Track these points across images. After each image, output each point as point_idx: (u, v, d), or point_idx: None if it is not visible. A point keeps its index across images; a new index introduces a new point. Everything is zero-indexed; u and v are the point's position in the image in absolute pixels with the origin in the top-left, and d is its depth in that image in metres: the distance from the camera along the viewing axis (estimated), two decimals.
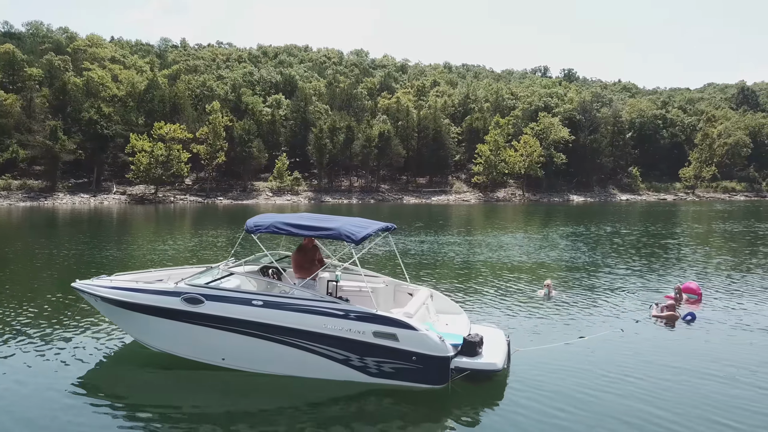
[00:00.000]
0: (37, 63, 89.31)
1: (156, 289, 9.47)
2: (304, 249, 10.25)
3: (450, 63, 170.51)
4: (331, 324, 8.55)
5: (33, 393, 8.49)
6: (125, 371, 9.63)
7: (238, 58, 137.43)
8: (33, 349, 10.39)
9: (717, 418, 7.70)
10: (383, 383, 8.60)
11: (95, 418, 7.73)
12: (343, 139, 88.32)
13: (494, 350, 8.93)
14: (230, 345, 9.02)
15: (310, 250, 10.21)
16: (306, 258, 10.22)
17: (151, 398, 8.48)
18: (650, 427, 7.42)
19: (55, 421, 7.61)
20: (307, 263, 10.08)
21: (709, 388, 8.79)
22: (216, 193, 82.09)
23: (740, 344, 11.15)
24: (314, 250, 10.27)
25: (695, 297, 14.54)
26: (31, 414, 7.82)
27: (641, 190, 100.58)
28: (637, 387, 8.75)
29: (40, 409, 7.97)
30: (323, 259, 10.65)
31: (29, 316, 12.64)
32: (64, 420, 7.65)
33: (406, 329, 8.40)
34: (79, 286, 10.09)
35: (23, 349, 10.39)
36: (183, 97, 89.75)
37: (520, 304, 14.29)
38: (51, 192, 72.76)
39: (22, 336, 11.14)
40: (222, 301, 8.98)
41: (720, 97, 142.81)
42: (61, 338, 11.05)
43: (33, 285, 16.90)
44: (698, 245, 28.45)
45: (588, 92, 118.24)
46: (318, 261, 10.33)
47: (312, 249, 10.25)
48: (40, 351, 10.31)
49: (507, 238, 30.57)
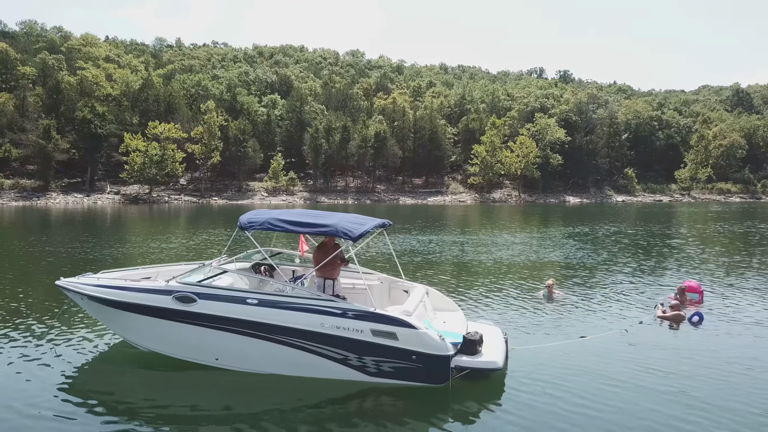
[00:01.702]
0: (30, 62, 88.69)
1: (146, 288, 9.14)
2: (326, 247, 9.72)
3: (446, 64, 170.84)
4: (328, 323, 8.29)
5: (17, 395, 8.12)
6: (113, 372, 9.28)
7: (234, 58, 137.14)
8: (16, 350, 9.95)
9: (719, 418, 7.50)
10: (382, 382, 8.39)
11: (82, 420, 7.41)
12: (338, 139, 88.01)
13: (493, 348, 8.75)
14: (224, 345, 8.72)
15: (331, 249, 9.64)
16: (327, 256, 9.53)
17: (140, 400, 8.12)
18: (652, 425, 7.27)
19: (41, 423, 7.30)
20: (328, 262, 9.45)
21: (712, 388, 8.58)
22: (211, 193, 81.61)
23: (746, 343, 10.91)
24: (335, 248, 9.68)
25: (697, 296, 14.34)
26: (14, 417, 7.47)
27: (637, 192, 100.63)
28: (637, 386, 8.53)
29: (24, 411, 7.62)
30: (345, 257, 10.13)
31: (12, 316, 12.18)
32: (50, 422, 7.33)
33: (405, 328, 8.18)
34: (64, 284, 9.69)
35: (3, 350, 9.97)
36: (178, 96, 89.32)
37: (518, 304, 14.04)
38: (44, 191, 72.13)
39: (2, 337, 10.69)
40: (215, 299, 8.67)
41: (715, 99, 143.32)
42: (45, 338, 10.65)
43: (18, 284, 16.40)
44: (705, 246, 28.28)
45: (584, 93, 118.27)
46: (340, 260, 9.81)
47: (333, 247, 9.69)
48: (23, 352, 9.87)
49: (505, 238, 30.33)
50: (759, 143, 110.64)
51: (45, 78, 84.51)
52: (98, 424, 7.33)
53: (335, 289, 9.42)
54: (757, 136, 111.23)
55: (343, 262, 10.02)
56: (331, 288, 9.34)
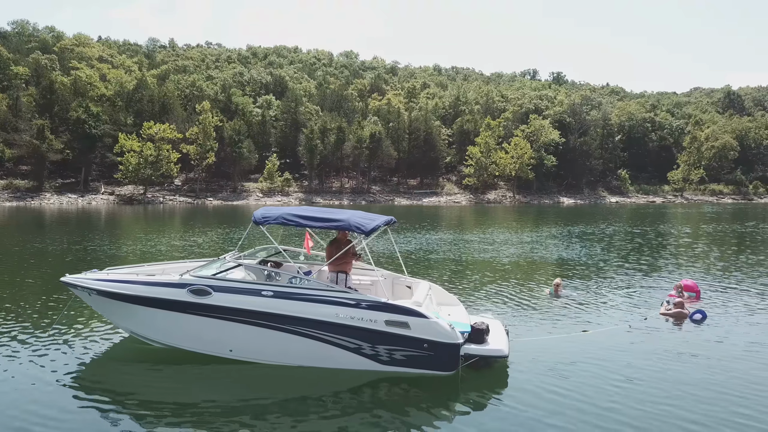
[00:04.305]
0: (23, 62, 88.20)
1: (160, 282, 9.22)
2: (339, 242, 9.87)
3: (439, 65, 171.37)
4: (343, 313, 8.50)
5: (25, 395, 7.88)
6: (123, 368, 9.20)
7: (228, 58, 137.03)
8: (22, 351, 9.63)
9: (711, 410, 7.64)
10: (394, 371, 8.62)
11: (97, 416, 7.35)
12: (333, 140, 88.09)
13: (498, 338, 9.11)
14: (239, 336, 8.85)
15: (344, 244, 9.78)
16: (340, 251, 9.68)
17: (153, 394, 8.07)
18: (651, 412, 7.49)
19: (56, 421, 7.19)
20: (341, 257, 9.61)
21: (707, 379, 8.75)
22: (206, 194, 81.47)
23: (747, 341, 11.09)
24: (348, 243, 9.84)
25: (694, 294, 14.54)
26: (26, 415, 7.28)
27: (630, 193, 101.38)
28: (634, 379, 8.74)
29: (35, 411, 7.41)
30: (356, 252, 10.28)
31: (12, 317, 11.85)
32: (65, 418, 7.26)
33: (417, 317, 8.43)
34: (71, 280, 9.67)
35: (10, 351, 9.65)
36: (172, 96, 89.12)
37: (520, 300, 14.20)
38: (38, 192, 71.77)
39: (5, 338, 10.40)
40: (230, 292, 8.81)
41: (707, 101, 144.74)
42: (50, 338, 10.32)
43: (14, 284, 16.10)
44: (703, 245, 28.62)
45: (577, 95, 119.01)
46: (352, 255, 9.97)
47: (346, 242, 9.85)
48: (29, 352, 9.53)
49: (502, 237, 30.54)
50: (750, 145, 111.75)
51: (38, 78, 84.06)
52: (113, 419, 7.29)
53: (347, 283, 9.58)
54: (749, 138, 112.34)
55: (355, 256, 10.18)
56: (344, 281, 9.51)
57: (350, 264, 9.87)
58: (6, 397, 7.88)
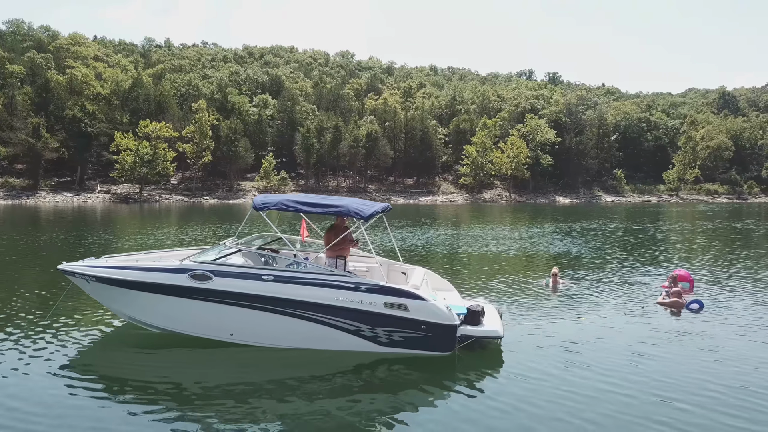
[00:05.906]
0: (18, 61, 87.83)
1: (160, 267, 9.27)
2: (337, 228, 10.01)
3: (435, 66, 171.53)
4: (343, 296, 8.65)
5: (25, 384, 7.81)
6: (123, 354, 9.21)
7: (224, 58, 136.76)
8: (21, 341, 9.53)
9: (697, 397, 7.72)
10: (393, 352, 8.79)
11: (99, 402, 7.33)
12: (330, 139, 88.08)
13: (493, 320, 9.32)
14: (239, 320, 8.94)
15: (342, 230, 9.92)
16: (338, 237, 9.82)
17: (154, 378, 8.04)
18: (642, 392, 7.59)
19: (55, 410, 7.05)
20: (339, 242, 9.73)
21: (703, 372, 8.78)
22: (202, 193, 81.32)
23: (742, 331, 11.20)
24: (346, 230, 9.96)
25: (687, 285, 14.65)
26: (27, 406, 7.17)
27: (626, 192, 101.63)
28: (628, 360, 8.90)
29: (35, 400, 7.31)
30: (353, 239, 10.37)
31: (8, 308, 11.76)
32: (64, 404, 7.22)
33: (415, 300, 8.60)
34: (68, 268, 9.67)
35: (8, 340, 9.56)
36: (168, 95, 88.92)
37: (516, 288, 14.32)
38: (33, 190, 71.52)
39: (3, 327, 10.34)
40: (231, 276, 8.89)
41: (701, 101, 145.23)
42: (48, 327, 10.26)
43: (10, 277, 15.98)
44: (707, 239, 28.82)
45: (573, 95, 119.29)
46: (350, 241, 10.07)
47: (344, 228, 9.98)
48: (27, 343, 9.45)
49: (498, 233, 30.65)
50: (745, 145, 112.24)
51: (34, 77, 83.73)
52: (116, 404, 7.25)
53: (346, 267, 9.68)
54: (743, 138, 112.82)
55: (353, 242, 10.28)
56: (343, 266, 9.62)
57: (348, 249, 10.00)
58: (3, 384, 7.82)
